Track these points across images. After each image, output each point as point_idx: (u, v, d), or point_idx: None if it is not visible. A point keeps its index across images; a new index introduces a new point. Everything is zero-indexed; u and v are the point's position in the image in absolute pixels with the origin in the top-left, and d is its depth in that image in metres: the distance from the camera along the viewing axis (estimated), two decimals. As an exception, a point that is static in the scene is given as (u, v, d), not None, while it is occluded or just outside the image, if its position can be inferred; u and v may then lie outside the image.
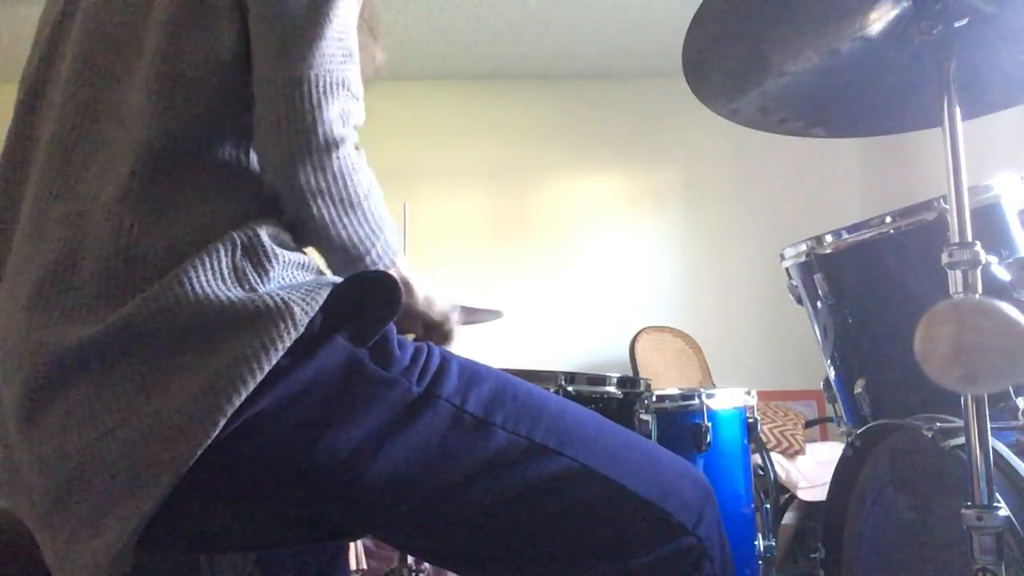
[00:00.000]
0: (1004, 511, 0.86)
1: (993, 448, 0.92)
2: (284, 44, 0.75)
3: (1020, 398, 1.09)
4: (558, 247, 4.05)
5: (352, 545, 2.09)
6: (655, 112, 4.11)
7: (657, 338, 3.73)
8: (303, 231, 0.80)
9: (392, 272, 0.84)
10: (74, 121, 0.79)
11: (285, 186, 0.76)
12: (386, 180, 0.87)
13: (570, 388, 1.54)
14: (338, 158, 0.76)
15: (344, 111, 0.77)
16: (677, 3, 3.40)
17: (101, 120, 0.78)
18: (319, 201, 0.76)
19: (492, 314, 1.65)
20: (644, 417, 1.60)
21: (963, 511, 0.87)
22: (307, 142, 0.74)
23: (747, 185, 4.11)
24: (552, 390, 1.52)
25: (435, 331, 1.01)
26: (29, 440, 0.71)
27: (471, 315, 1.49)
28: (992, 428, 0.88)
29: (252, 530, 0.82)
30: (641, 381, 1.67)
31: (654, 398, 1.61)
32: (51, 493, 0.69)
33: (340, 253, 0.80)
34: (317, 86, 0.75)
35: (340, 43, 0.77)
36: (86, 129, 0.78)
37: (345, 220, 0.78)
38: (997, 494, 0.87)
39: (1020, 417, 1.08)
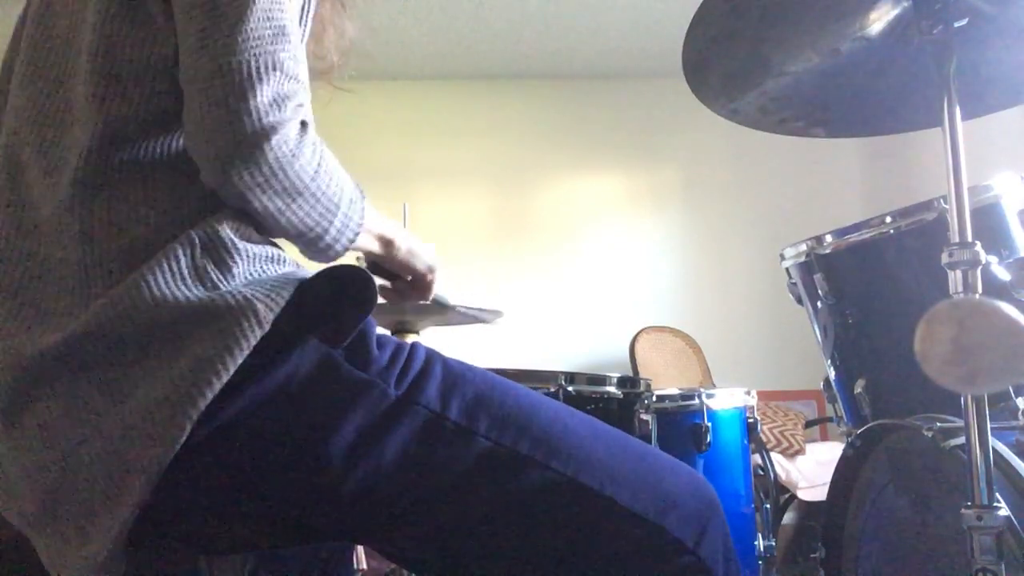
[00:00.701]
0: (1004, 511, 0.86)
1: (993, 448, 0.92)
2: (204, 33, 0.70)
3: (1020, 398, 1.09)
4: (558, 247, 4.05)
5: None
6: (655, 112, 4.11)
7: (657, 338, 3.73)
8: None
9: (363, 242, 0.83)
10: (20, 126, 0.77)
11: (221, 186, 0.71)
12: (386, 180, 0.87)
13: (570, 388, 1.53)
14: (272, 148, 0.69)
15: (279, 95, 0.70)
16: (677, 3, 3.40)
17: (47, 124, 0.76)
18: (260, 195, 0.71)
19: (492, 314, 1.65)
20: (644, 417, 1.60)
21: (963, 511, 0.87)
22: (234, 138, 0.68)
23: (747, 185, 4.11)
24: (552, 390, 1.52)
25: (417, 283, 1.00)
26: (14, 449, 0.70)
27: (471, 315, 1.49)
28: (992, 428, 0.88)
29: (244, 532, 0.81)
30: (641, 381, 1.67)
31: (654, 398, 1.61)
32: (37, 503, 0.69)
33: (296, 238, 0.76)
34: (240, 73, 0.68)
35: (269, 22, 0.71)
36: (32, 134, 0.76)
37: (294, 207, 0.73)
38: (997, 494, 0.87)
39: (1020, 417, 1.08)
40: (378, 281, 1.00)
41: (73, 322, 0.68)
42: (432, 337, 1.32)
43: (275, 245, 0.78)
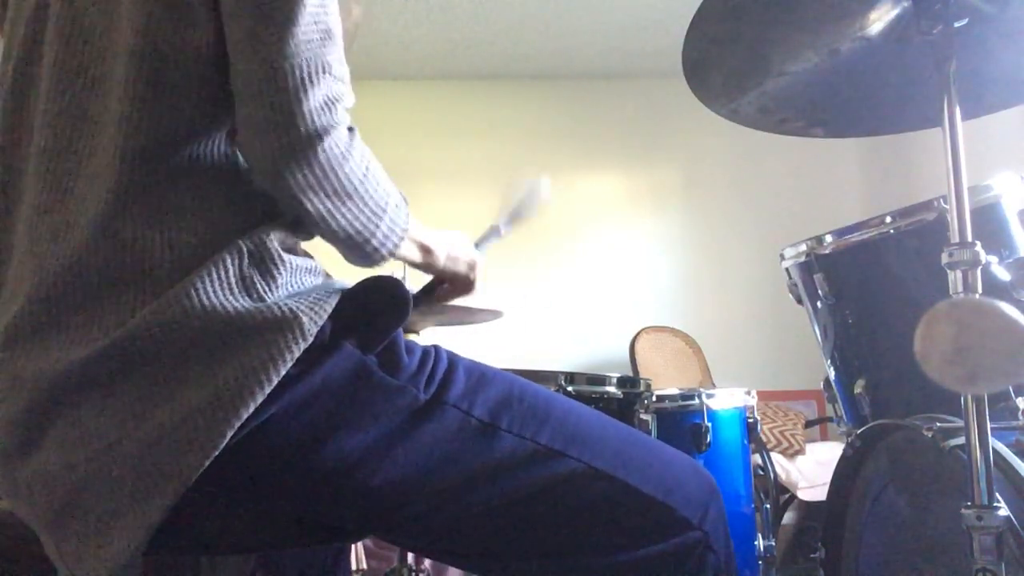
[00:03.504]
0: (1004, 511, 0.86)
1: (993, 448, 0.92)
2: (255, 36, 0.70)
3: (1020, 398, 1.09)
4: (558, 247, 4.05)
5: (352, 545, 2.09)
6: (655, 112, 4.11)
7: (657, 338, 3.73)
8: (304, 225, 0.78)
9: (407, 246, 0.84)
10: (57, 130, 0.75)
11: (274, 186, 0.73)
12: (386, 180, 0.86)
13: (570, 388, 1.54)
14: (324, 150, 0.72)
15: (328, 97, 0.73)
16: (677, 3, 3.40)
17: (85, 128, 0.74)
18: (312, 197, 0.73)
19: (492, 314, 1.65)
20: (644, 417, 1.60)
21: (963, 511, 0.87)
22: (289, 139, 0.71)
23: (747, 185, 4.11)
24: (552, 390, 1.52)
25: (460, 284, 1.02)
26: (24, 463, 0.70)
27: (471, 315, 1.49)
28: (992, 428, 0.88)
29: (256, 532, 0.82)
30: (641, 381, 1.67)
31: (654, 398, 1.61)
32: (56, 504, 0.69)
33: (343, 242, 0.78)
34: (294, 76, 0.70)
35: (316, 25, 0.72)
36: (70, 138, 0.75)
37: (343, 210, 0.75)
38: (997, 494, 0.87)
39: (1020, 417, 1.08)
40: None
41: (118, 328, 0.68)
42: (432, 337, 1.32)
43: (310, 256, 0.80)
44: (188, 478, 0.66)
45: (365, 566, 2.22)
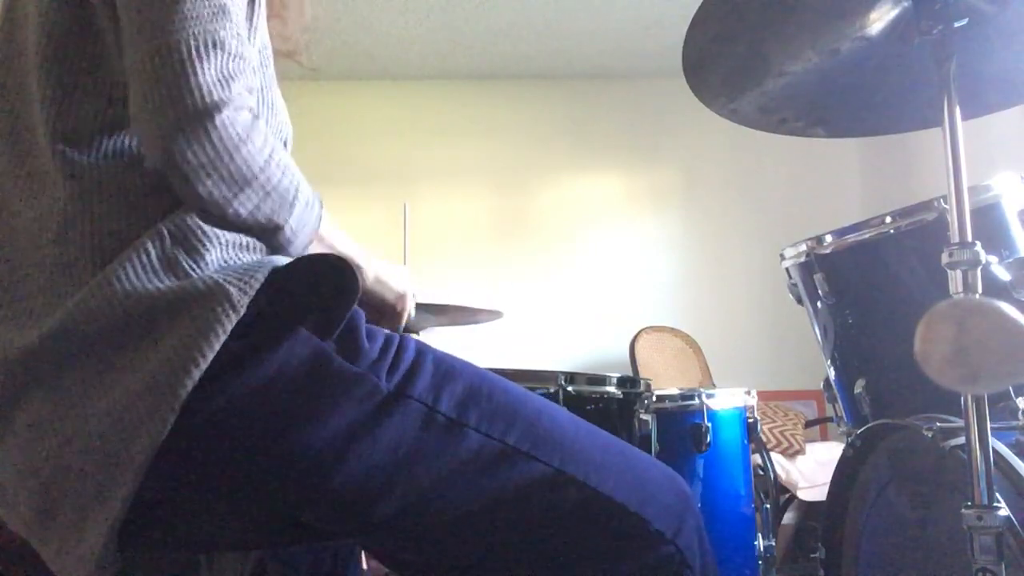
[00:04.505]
0: (1004, 511, 0.86)
1: (993, 448, 0.92)
2: (142, 15, 0.69)
3: (1020, 398, 1.09)
4: (558, 247, 4.05)
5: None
6: (655, 112, 4.12)
7: (657, 338, 3.73)
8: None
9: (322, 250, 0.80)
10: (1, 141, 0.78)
11: (165, 165, 0.69)
12: (386, 180, 0.86)
13: (570, 388, 1.54)
14: (217, 127, 0.68)
15: (223, 73, 0.69)
16: (677, 3, 3.40)
17: (20, 135, 0.76)
18: (204, 179, 0.69)
19: (492, 314, 1.65)
20: (644, 417, 1.60)
21: (963, 511, 0.87)
22: (177, 112, 0.67)
23: (747, 185, 4.11)
24: (552, 390, 1.52)
25: (387, 313, 0.97)
26: (6, 453, 0.71)
27: (471, 315, 1.49)
28: (992, 428, 0.88)
29: (235, 530, 0.80)
30: (641, 381, 1.67)
31: (654, 398, 1.62)
32: (33, 505, 0.69)
33: (247, 232, 0.75)
34: (180, 52, 0.67)
35: (206, 1, 0.70)
36: (9, 145, 0.77)
37: (242, 197, 0.71)
38: (997, 494, 0.87)
39: (1020, 417, 1.09)
40: None
41: (48, 321, 0.68)
42: (433, 337, 1.32)
43: (244, 232, 0.77)
44: (140, 465, 0.65)
45: (365, 566, 2.22)
